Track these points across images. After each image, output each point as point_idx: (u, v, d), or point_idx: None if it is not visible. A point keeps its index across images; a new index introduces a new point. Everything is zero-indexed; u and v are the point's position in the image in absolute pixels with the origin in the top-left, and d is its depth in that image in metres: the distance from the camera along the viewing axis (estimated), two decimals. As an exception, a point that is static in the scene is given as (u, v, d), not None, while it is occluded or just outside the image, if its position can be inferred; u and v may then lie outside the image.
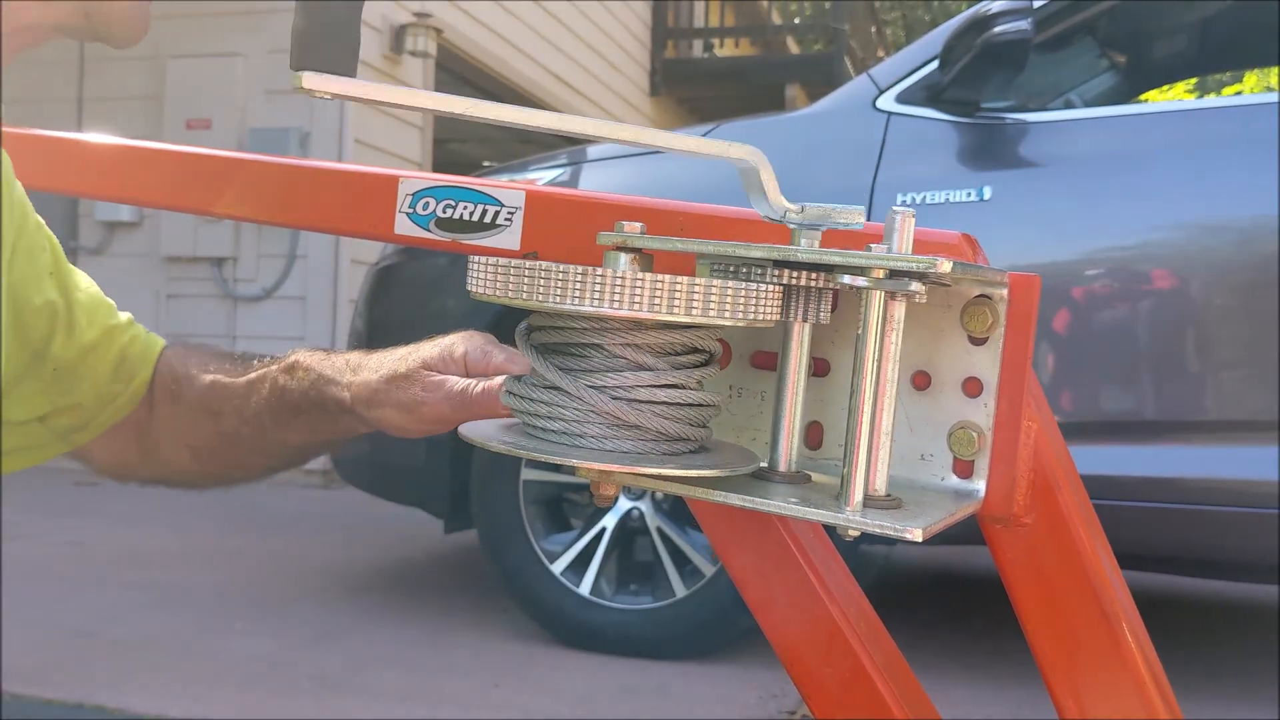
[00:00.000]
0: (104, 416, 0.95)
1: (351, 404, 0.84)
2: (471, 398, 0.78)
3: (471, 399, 0.78)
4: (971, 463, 0.63)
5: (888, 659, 0.72)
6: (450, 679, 2.31)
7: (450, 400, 0.79)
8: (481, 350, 0.81)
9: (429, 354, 0.82)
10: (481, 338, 0.83)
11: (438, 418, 0.80)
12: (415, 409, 0.80)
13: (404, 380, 0.81)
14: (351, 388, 0.84)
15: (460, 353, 0.81)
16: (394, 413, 0.82)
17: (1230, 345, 2.23)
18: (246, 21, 5.45)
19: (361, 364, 0.86)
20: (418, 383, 0.80)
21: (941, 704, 0.78)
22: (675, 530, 2.50)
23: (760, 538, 0.73)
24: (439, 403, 0.79)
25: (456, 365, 0.81)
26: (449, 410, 0.79)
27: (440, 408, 0.79)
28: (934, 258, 0.54)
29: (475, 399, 0.78)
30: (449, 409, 0.79)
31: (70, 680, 2.19)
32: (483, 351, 0.81)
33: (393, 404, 0.81)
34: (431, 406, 0.80)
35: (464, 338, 0.83)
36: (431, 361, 0.81)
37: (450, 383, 0.79)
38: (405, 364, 0.82)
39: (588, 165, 2.83)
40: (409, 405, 0.80)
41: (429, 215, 0.81)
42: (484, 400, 0.78)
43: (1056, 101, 3.09)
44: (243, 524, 4.19)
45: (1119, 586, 0.68)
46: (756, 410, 0.71)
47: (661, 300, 0.55)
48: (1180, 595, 3.44)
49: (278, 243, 5.37)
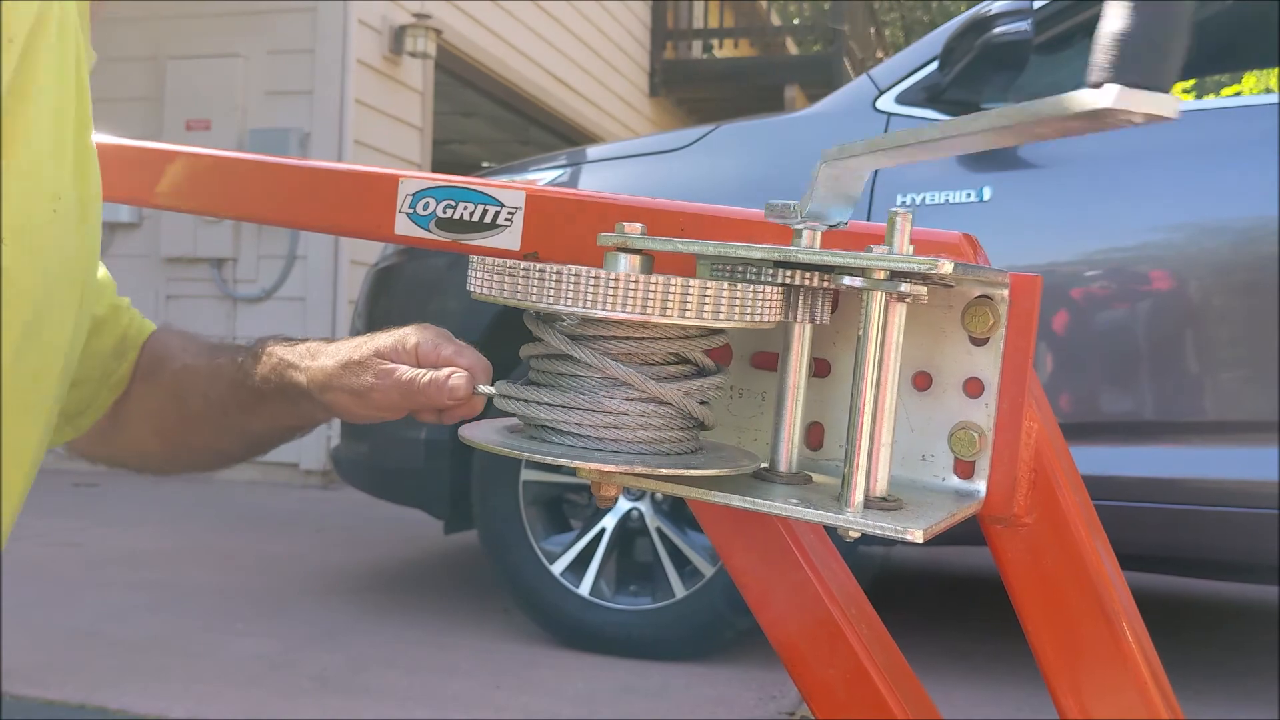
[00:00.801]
0: (103, 396, 0.97)
1: (308, 387, 0.87)
2: (419, 386, 0.81)
3: (419, 388, 0.81)
4: (972, 463, 0.63)
5: (888, 659, 0.72)
6: (451, 679, 2.31)
7: (399, 388, 0.82)
8: (433, 342, 0.84)
9: (383, 343, 0.85)
10: (434, 331, 0.86)
11: (387, 404, 0.83)
12: (366, 395, 0.83)
13: (357, 367, 0.84)
14: (309, 372, 0.87)
15: (412, 343, 0.84)
16: (346, 397, 0.85)
17: (1229, 346, 2.23)
18: (246, 22, 5.45)
19: (320, 350, 0.89)
20: (370, 370, 0.83)
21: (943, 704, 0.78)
22: (675, 531, 2.50)
23: (761, 538, 0.73)
24: (389, 389, 0.82)
25: (408, 355, 0.84)
26: (398, 397, 0.82)
27: (390, 395, 0.82)
28: (935, 259, 0.54)
29: (423, 388, 0.81)
30: (398, 396, 0.82)
31: (71, 681, 2.19)
32: (434, 344, 0.84)
33: (345, 389, 0.84)
34: (381, 393, 0.83)
35: (417, 329, 0.86)
36: (385, 350, 0.84)
37: (400, 371, 0.82)
38: (360, 351, 0.85)
39: (588, 166, 2.83)
40: (360, 391, 0.84)
41: (429, 215, 0.81)
42: (431, 390, 0.81)
43: (1056, 102, 3.08)
44: (243, 525, 4.19)
45: (1120, 586, 0.68)
46: (757, 411, 0.71)
47: (662, 301, 0.55)
48: (1181, 596, 3.44)
49: (277, 243, 5.37)
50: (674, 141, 2.67)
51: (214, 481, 5.34)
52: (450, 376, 0.80)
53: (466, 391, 0.80)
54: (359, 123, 5.46)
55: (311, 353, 0.89)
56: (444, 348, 0.83)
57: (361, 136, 5.48)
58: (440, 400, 0.80)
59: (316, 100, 5.37)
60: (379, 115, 5.67)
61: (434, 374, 0.81)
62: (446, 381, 0.80)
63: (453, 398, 0.80)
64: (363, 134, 5.50)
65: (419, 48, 5.83)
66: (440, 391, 0.80)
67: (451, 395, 0.80)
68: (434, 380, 0.80)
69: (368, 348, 0.85)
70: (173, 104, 5.49)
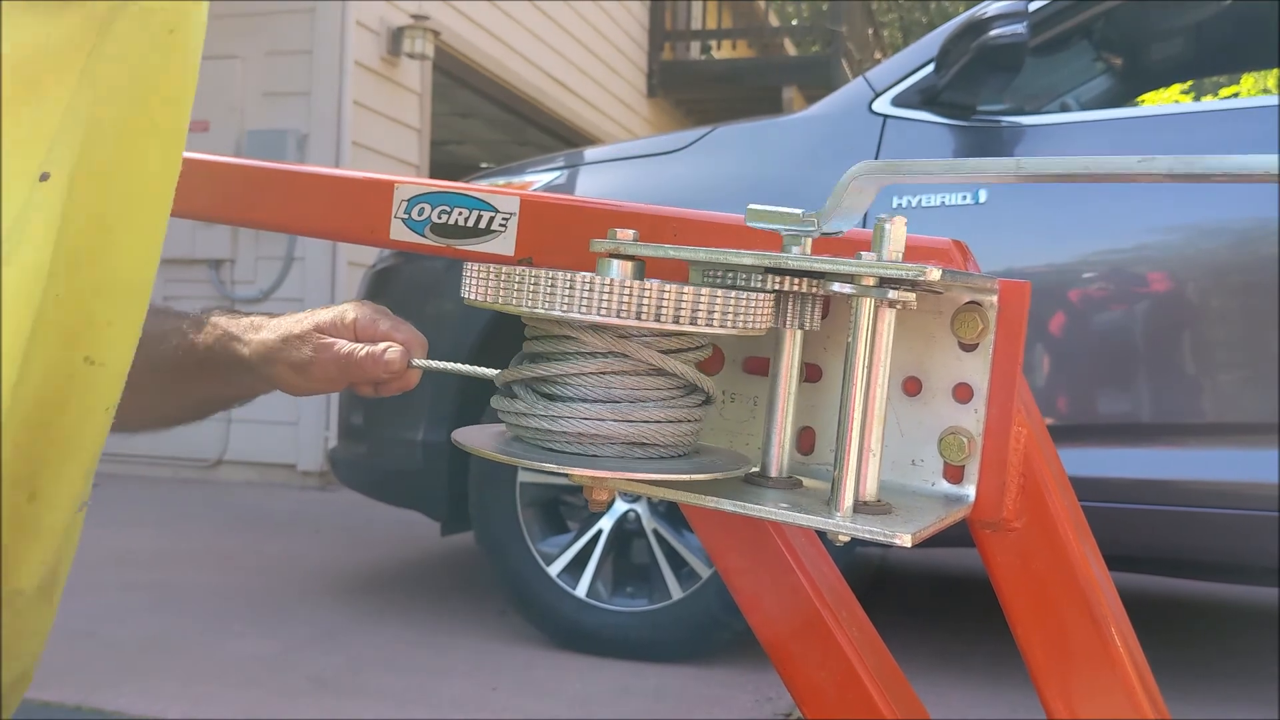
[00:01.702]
0: None
1: (250, 359, 0.90)
2: (357, 360, 0.85)
3: (356, 361, 0.85)
4: (962, 468, 0.64)
5: (879, 662, 0.72)
6: (448, 681, 2.32)
7: (337, 361, 0.85)
8: (370, 317, 0.88)
9: (322, 318, 0.89)
10: (371, 307, 0.89)
11: (325, 377, 0.87)
12: (305, 368, 0.87)
13: (297, 340, 0.87)
14: (251, 345, 0.90)
15: (351, 318, 0.88)
16: (286, 370, 0.88)
17: (1226, 348, 2.23)
18: (244, 24, 5.45)
19: (263, 324, 0.92)
20: (309, 344, 0.87)
21: (936, 707, 0.79)
22: (671, 533, 2.50)
23: (753, 541, 0.74)
24: (327, 363, 0.86)
25: (347, 330, 0.87)
26: (335, 370, 0.86)
27: (328, 368, 0.86)
28: (923, 265, 0.54)
29: (360, 361, 0.85)
30: (336, 369, 0.86)
31: (69, 682, 2.19)
32: (371, 319, 0.88)
33: (285, 361, 0.88)
34: (320, 366, 0.86)
35: (355, 305, 0.89)
36: (324, 325, 0.88)
37: (339, 345, 0.86)
38: (300, 326, 0.88)
39: (585, 168, 2.84)
40: (299, 364, 0.87)
41: (424, 221, 0.82)
42: (368, 364, 0.85)
43: (1052, 104, 3.09)
44: (241, 526, 4.20)
45: (1108, 590, 0.69)
46: (749, 415, 0.71)
47: (653, 308, 0.56)
48: (1181, 597, 3.45)
49: (275, 245, 5.37)
50: (672, 143, 2.68)
51: (211, 483, 5.34)
52: (386, 350, 0.84)
53: (401, 365, 0.84)
54: (357, 124, 5.46)
55: (254, 326, 0.91)
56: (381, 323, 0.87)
57: (359, 138, 5.48)
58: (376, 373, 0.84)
59: (314, 101, 5.37)
60: (377, 116, 5.68)
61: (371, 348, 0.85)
62: (383, 355, 0.84)
63: (388, 371, 0.84)
64: (361, 135, 5.50)
65: (417, 49, 5.83)
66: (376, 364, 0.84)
67: (387, 369, 0.84)
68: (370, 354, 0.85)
69: (308, 322, 0.88)
70: (171, 105, 5.48)
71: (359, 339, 0.87)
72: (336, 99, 5.35)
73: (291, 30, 5.41)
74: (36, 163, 0.55)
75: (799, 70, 10.30)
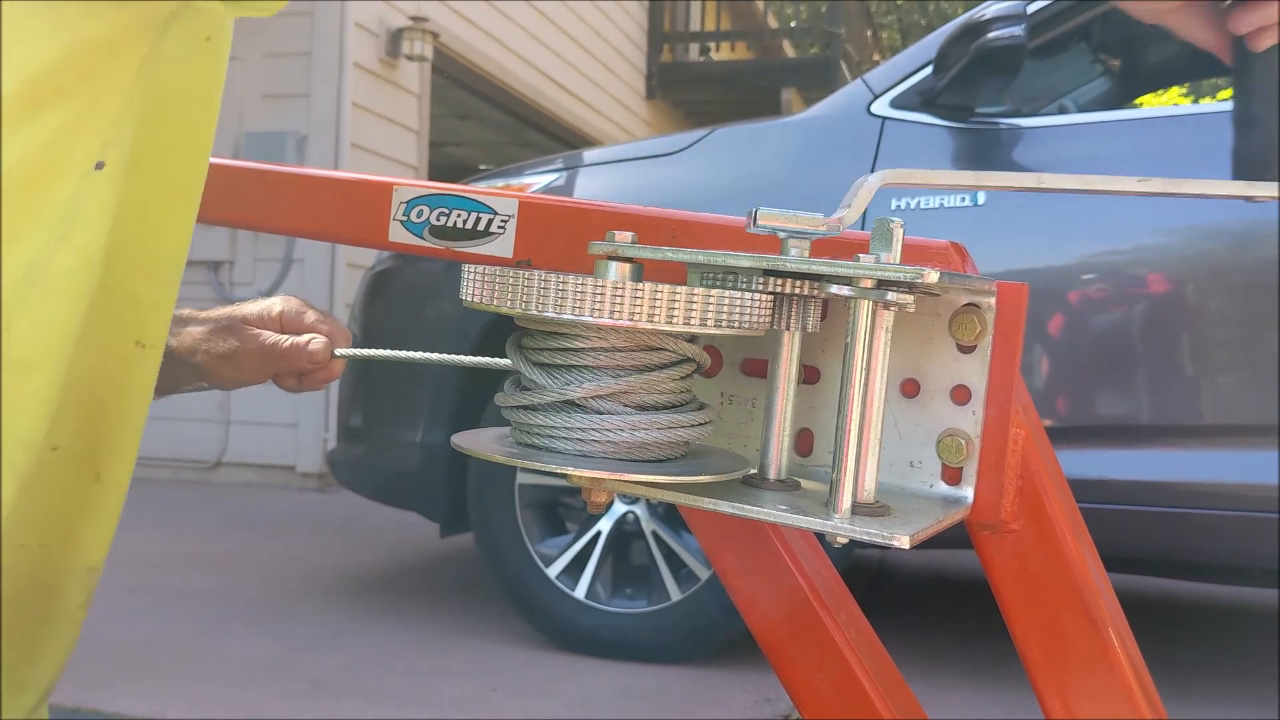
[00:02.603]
0: None
1: (177, 351, 0.91)
2: (281, 350, 0.87)
3: (281, 351, 0.87)
4: (960, 469, 0.64)
5: (877, 663, 0.73)
6: (447, 682, 2.32)
7: (262, 352, 0.88)
8: (296, 310, 0.90)
9: (249, 311, 0.91)
10: (297, 300, 0.92)
11: (250, 367, 0.89)
12: (231, 358, 0.89)
13: (224, 333, 0.90)
14: (179, 337, 0.92)
15: (277, 311, 0.90)
16: (213, 361, 0.90)
17: (1225, 349, 2.24)
18: (243, 25, 5.39)
19: (190, 318, 0.94)
20: (236, 335, 0.89)
21: (935, 708, 0.79)
22: (670, 534, 2.50)
23: (751, 543, 0.74)
24: (252, 354, 0.88)
25: (273, 323, 0.90)
26: (260, 360, 0.88)
27: (252, 358, 0.88)
28: (921, 268, 0.54)
29: (285, 352, 0.87)
30: (260, 359, 0.88)
31: (67, 684, 2.18)
32: (297, 311, 0.90)
33: (212, 353, 0.90)
34: (245, 356, 0.89)
35: (282, 299, 0.91)
36: (251, 318, 0.90)
37: (264, 337, 0.88)
38: (227, 318, 0.91)
39: (584, 170, 2.84)
40: (226, 355, 0.89)
41: (423, 223, 0.82)
42: (293, 354, 0.87)
43: (1051, 106, 3.10)
44: (240, 527, 4.20)
45: (1106, 591, 0.69)
46: (747, 417, 0.72)
47: (651, 309, 0.56)
48: (1179, 598, 3.45)
49: (274, 247, 5.37)
50: (671, 145, 2.68)
51: (210, 484, 5.34)
52: (310, 342, 0.87)
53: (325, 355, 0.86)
54: (356, 125, 5.46)
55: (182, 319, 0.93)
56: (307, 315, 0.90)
57: (358, 139, 5.49)
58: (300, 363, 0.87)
59: (313, 103, 5.37)
60: (376, 118, 5.68)
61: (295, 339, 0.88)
62: (306, 346, 0.87)
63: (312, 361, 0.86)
64: (359, 137, 5.50)
65: (416, 51, 5.83)
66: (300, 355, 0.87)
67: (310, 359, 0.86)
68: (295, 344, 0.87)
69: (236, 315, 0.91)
70: (169, 107, 5.49)
71: (285, 331, 0.89)
72: (335, 101, 5.35)
73: (290, 32, 5.41)
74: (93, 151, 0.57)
75: (797, 72, 10.31)
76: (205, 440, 5.39)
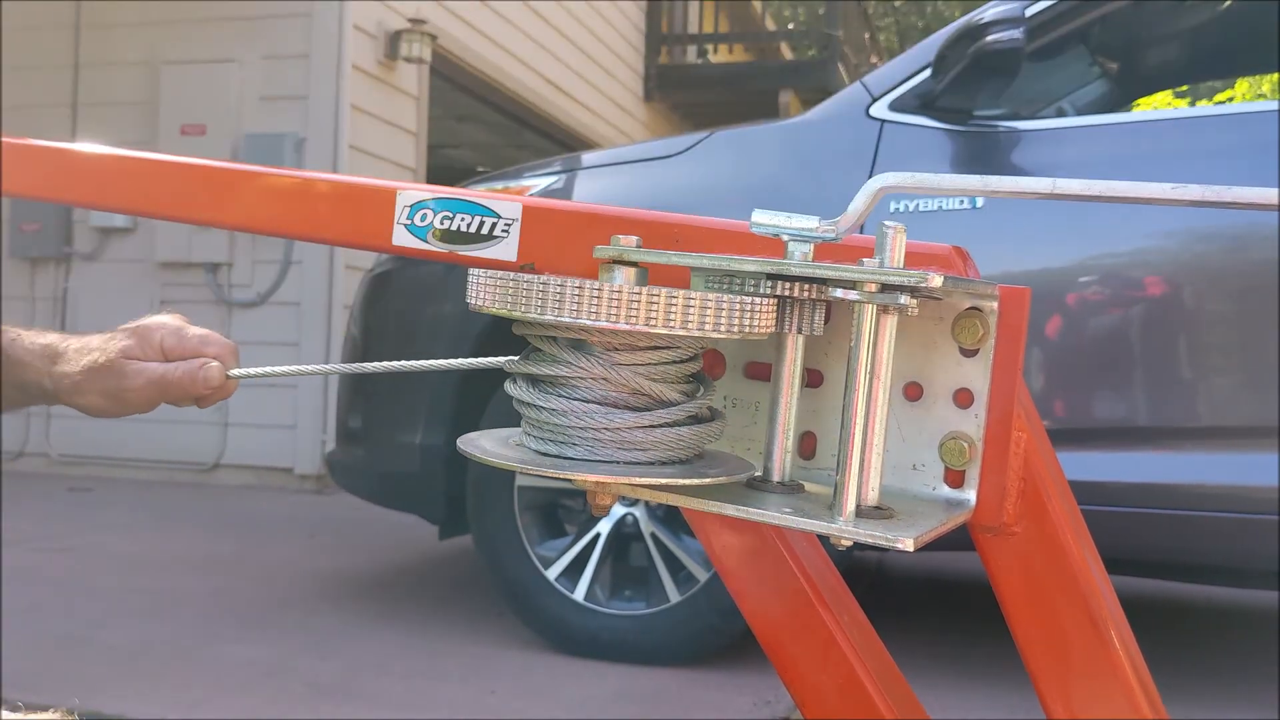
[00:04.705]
0: None
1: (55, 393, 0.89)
2: (172, 380, 0.85)
3: (174, 381, 0.85)
4: (962, 472, 0.64)
5: (879, 664, 0.73)
6: (445, 685, 2.32)
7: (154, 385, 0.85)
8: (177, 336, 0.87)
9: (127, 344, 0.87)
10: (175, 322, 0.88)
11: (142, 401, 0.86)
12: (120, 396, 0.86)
13: (105, 371, 0.86)
14: (53, 376, 0.89)
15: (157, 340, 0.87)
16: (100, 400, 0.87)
17: (1225, 352, 2.24)
18: (241, 27, 5.45)
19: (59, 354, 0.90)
20: (119, 373, 0.86)
21: (935, 708, 0.79)
22: (669, 536, 2.50)
23: (755, 546, 0.74)
24: (143, 388, 0.85)
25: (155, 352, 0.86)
26: (154, 393, 0.86)
27: (145, 392, 0.86)
28: (924, 272, 0.55)
29: (176, 380, 0.85)
30: (154, 392, 0.85)
31: (64, 687, 2.19)
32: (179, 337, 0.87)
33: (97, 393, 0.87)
34: (135, 392, 0.86)
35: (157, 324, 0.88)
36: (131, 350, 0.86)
37: (150, 369, 0.85)
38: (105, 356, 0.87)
39: (582, 172, 2.84)
40: (114, 394, 0.86)
41: (426, 227, 0.82)
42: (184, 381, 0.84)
43: (1049, 109, 3.10)
44: (237, 530, 4.19)
45: (1107, 593, 0.69)
46: (751, 420, 0.72)
47: (654, 313, 0.56)
48: (1180, 599, 3.46)
49: (273, 249, 5.37)
50: (669, 148, 2.68)
51: (208, 486, 5.33)
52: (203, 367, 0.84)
53: (219, 378, 0.84)
54: (354, 128, 5.46)
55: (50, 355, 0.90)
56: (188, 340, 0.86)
57: (356, 141, 5.49)
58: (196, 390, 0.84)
59: (312, 105, 5.37)
60: (374, 120, 5.68)
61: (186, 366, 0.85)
62: (200, 372, 0.84)
63: (207, 387, 0.84)
64: (358, 139, 5.50)
65: (414, 53, 5.83)
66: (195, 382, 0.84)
67: (206, 385, 0.84)
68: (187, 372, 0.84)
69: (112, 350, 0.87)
70: (168, 109, 5.49)
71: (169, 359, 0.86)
72: (334, 103, 5.35)
73: (289, 34, 5.41)
74: None
75: (795, 74, 10.32)
76: (203, 442, 5.39)
